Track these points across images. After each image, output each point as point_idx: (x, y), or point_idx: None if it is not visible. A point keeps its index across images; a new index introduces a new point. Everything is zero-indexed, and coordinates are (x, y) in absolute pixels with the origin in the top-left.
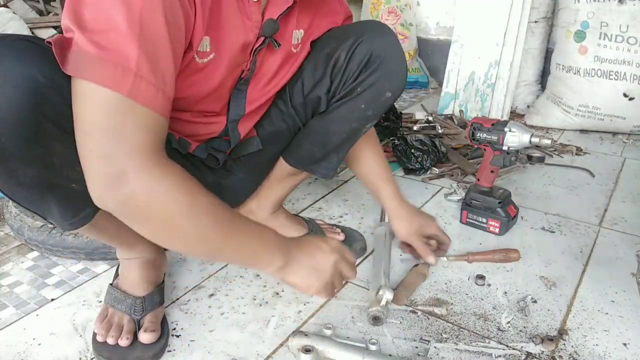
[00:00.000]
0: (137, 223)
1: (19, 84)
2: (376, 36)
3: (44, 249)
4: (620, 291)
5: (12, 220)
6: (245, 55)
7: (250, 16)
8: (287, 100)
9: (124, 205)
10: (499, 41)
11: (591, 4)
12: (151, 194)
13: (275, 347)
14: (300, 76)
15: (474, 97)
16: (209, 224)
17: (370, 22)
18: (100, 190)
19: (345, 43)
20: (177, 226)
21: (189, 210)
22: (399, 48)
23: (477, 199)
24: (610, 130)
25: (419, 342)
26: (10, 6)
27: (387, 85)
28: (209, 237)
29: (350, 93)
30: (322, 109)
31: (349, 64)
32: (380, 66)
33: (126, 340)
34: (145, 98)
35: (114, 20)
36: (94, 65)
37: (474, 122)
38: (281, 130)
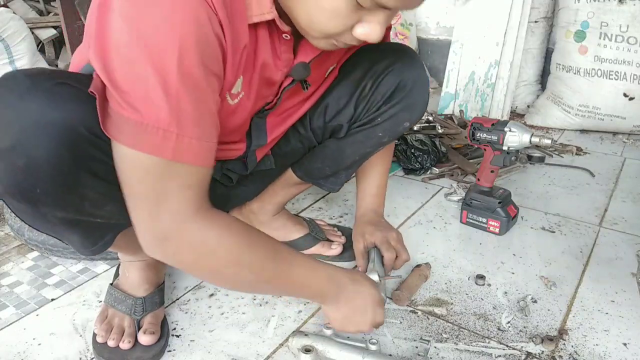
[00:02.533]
0: (187, 272)
1: (58, 135)
2: (405, 67)
3: (44, 249)
4: (620, 291)
5: (12, 220)
6: (272, 90)
7: (280, 55)
8: (307, 124)
9: (172, 259)
10: (499, 41)
11: (591, 3)
12: (198, 251)
13: (275, 347)
14: (323, 101)
15: (474, 97)
16: (253, 277)
17: (400, 48)
18: (149, 246)
19: (372, 70)
20: (223, 277)
21: (232, 265)
22: (425, 80)
23: (477, 199)
24: (611, 130)
25: (419, 342)
26: (10, 6)
27: (407, 117)
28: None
29: (370, 122)
30: (342, 135)
31: (374, 93)
32: (404, 99)
33: (128, 344)
34: (190, 156)
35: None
36: (132, 130)
37: (474, 122)
38: (296, 150)
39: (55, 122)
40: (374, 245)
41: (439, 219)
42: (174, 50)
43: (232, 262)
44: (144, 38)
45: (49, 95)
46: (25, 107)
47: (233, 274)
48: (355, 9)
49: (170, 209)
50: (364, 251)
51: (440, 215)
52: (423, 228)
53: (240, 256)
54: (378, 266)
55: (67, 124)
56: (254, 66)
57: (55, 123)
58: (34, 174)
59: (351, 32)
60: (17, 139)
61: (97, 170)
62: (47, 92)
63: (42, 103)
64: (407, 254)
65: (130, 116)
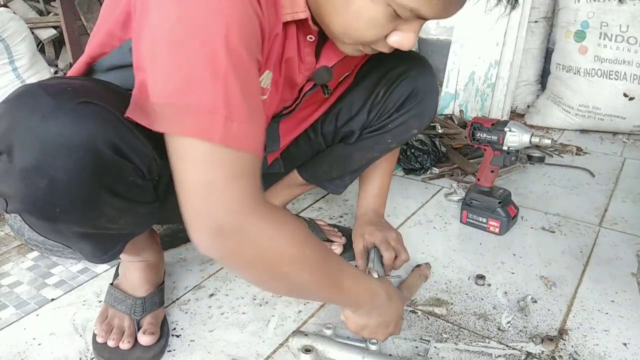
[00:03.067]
0: (242, 272)
1: (80, 158)
2: (418, 76)
3: (44, 249)
4: (620, 291)
5: (12, 220)
6: (293, 93)
7: (303, 58)
8: (318, 129)
9: (230, 257)
10: (499, 41)
11: (591, 3)
12: (258, 246)
13: (275, 347)
14: (335, 106)
15: (474, 97)
16: (309, 278)
17: (414, 56)
18: (206, 244)
19: (386, 77)
20: (281, 276)
21: (293, 262)
22: (436, 89)
23: (477, 199)
24: (611, 130)
25: (419, 342)
26: (10, 6)
27: (417, 124)
28: (309, 287)
29: (381, 128)
30: (352, 141)
31: (387, 100)
32: (415, 106)
33: (127, 344)
34: (240, 141)
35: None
36: (181, 116)
37: (474, 122)
38: (305, 153)
39: (79, 144)
40: (374, 245)
41: (439, 219)
42: (220, 29)
43: (294, 258)
44: (190, 18)
45: (73, 117)
46: (48, 128)
47: (293, 273)
48: (392, 19)
49: (226, 200)
50: (363, 251)
51: (440, 215)
52: (423, 228)
53: (302, 252)
54: (377, 266)
55: (91, 145)
56: (281, 64)
57: (78, 145)
58: (55, 194)
59: (385, 40)
60: (40, 160)
61: (117, 189)
62: (71, 113)
63: (65, 125)
64: (406, 254)
65: (176, 102)
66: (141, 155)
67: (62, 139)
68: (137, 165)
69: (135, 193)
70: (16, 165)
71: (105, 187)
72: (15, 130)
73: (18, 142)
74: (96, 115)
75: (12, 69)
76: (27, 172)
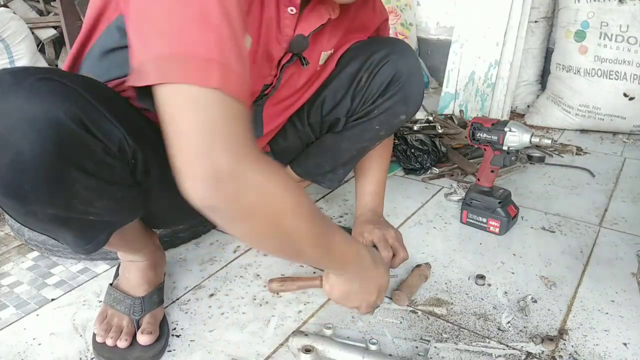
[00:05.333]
0: (240, 225)
1: (42, 130)
2: (400, 59)
3: (44, 249)
4: (620, 291)
5: (12, 220)
6: (271, 68)
7: (282, 29)
8: (304, 118)
9: (230, 206)
10: (499, 41)
11: (591, 3)
12: (260, 191)
13: (275, 347)
14: (320, 95)
15: (474, 97)
16: (307, 229)
17: (394, 41)
18: (203, 191)
19: (368, 63)
20: (280, 227)
21: (293, 211)
22: (419, 73)
23: (477, 199)
24: (611, 130)
25: (419, 342)
26: (10, 6)
27: (403, 109)
28: (305, 241)
29: (367, 115)
30: (339, 129)
31: (370, 85)
32: (400, 90)
33: (125, 342)
34: (235, 88)
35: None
36: (177, 66)
37: (474, 122)
38: (294, 145)
39: (39, 117)
40: (372, 244)
41: (439, 219)
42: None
43: (293, 204)
44: None
45: (32, 90)
46: (8, 103)
47: (293, 224)
48: None
49: (224, 142)
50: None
51: (440, 215)
52: (423, 228)
53: (300, 199)
54: None
55: (52, 118)
56: (260, 33)
57: (39, 118)
58: (21, 169)
59: None
60: (1, 135)
61: (86, 166)
62: (30, 87)
63: (25, 98)
64: (405, 252)
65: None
66: (109, 133)
67: (22, 112)
68: (105, 143)
69: (106, 172)
70: None
71: (72, 163)
72: None
73: None
74: (56, 89)
75: None
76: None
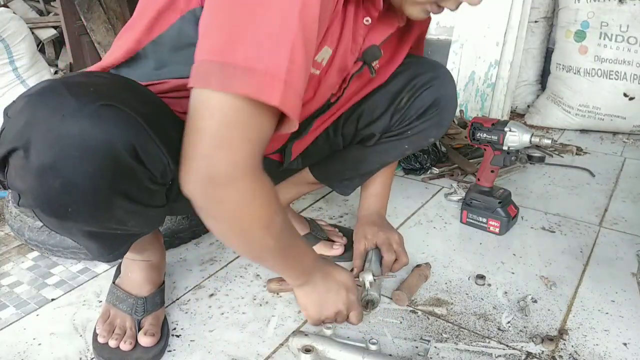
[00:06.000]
0: (214, 222)
1: (97, 161)
2: (442, 86)
3: (44, 249)
4: (620, 291)
5: (12, 220)
6: (340, 77)
7: (356, 39)
8: (339, 129)
9: (213, 206)
10: (499, 41)
11: (591, 3)
12: (241, 204)
13: (275, 347)
14: (358, 108)
15: (474, 97)
16: (273, 244)
17: (438, 66)
18: (195, 187)
19: (411, 84)
20: (249, 237)
21: (264, 228)
22: (456, 100)
23: (477, 199)
24: (611, 130)
25: (419, 342)
26: (10, 6)
27: (434, 133)
28: (268, 252)
29: (400, 134)
30: (371, 144)
31: (410, 107)
32: (435, 116)
33: (129, 345)
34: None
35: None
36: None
37: (474, 122)
38: (322, 151)
39: (97, 148)
40: (375, 246)
41: (439, 219)
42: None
43: (265, 224)
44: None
45: (93, 120)
46: (68, 129)
47: (260, 237)
48: None
49: (232, 155)
50: (363, 252)
51: (440, 215)
52: (423, 228)
53: (274, 220)
54: (375, 266)
55: (108, 150)
56: (340, 43)
57: (96, 149)
58: (69, 195)
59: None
60: (56, 160)
61: (129, 193)
62: (92, 115)
63: (85, 127)
64: (406, 257)
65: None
66: (156, 160)
67: (81, 141)
68: (151, 171)
69: (146, 197)
70: (32, 163)
71: (119, 192)
72: (34, 127)
73: (36, 139)
74: (116, 118)
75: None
76: (42, 170)
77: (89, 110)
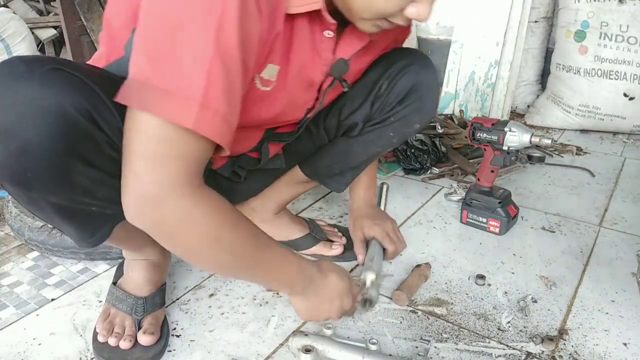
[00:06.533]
0: (164, 244)
1: (51, 121)
2: (420, 70)
3: (44, 249)
4: (620, 291)
5: (12, 220)
6: (312, 93)
7: (320, 53)
8: (320, 123)
9: (152, 228)
10: (499, 41)
11: (591, 3)
12: (178, 223)
13: (275, 347)
14: (338, 101)
15: (474, 96)
16: (231, 260)
17: (415, 52)
18: (132, 210)
19: (389, 71)
20: (200, 256)
21: (211, 245)
22: (437, 85)
23: (477, 199)
24: (611, 130)
25: (419, 342)
26: (10, 6)
27: (418, 119)
28: (230, 268)
29: (383, 121)
30: (355, 134)
31: (389, 93)
32: (417, 100)
33: (128, 343)
34: (209, 129)
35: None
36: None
37: (474, 122)
38: (307, 148)
39: (49, 109)
40: (373, 238)
41: (439, 219)
42: (214, 19)
43: (212, 241)
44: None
45: (43, 81)
46: (19, 92)
47: (211, 254)
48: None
49: (160, 174)
50: (363, 243)
51: (440, 215)
52: (423, 228)
53: (221, 236)
54: (377, 264)
55: (61, 110)
56: (289, 59)
57: (48, 109)
58: (26, 158)
59: (402, 13)
60: (11, 123)
61: (90, 158)
62: (42, 77)
63: (36, 89)
64: (404, 243)
65: (158, 84)
66: (112, 125)
67: (32, 102)
68: (109, 135)
69: (110, 165)
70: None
71: (77, 155)
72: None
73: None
74: (67, 80)
75: None
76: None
77: (39, 73)
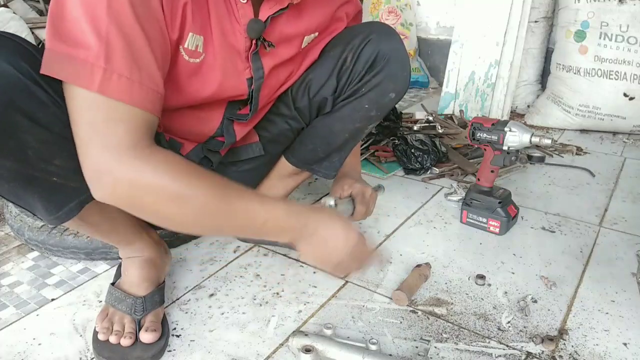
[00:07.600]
0: (130, 211)
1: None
2: (382, 37)
3: (44, 249)
4: (620, 291)
5: (12, 220)
6: (242, 61)
7: (239, 19)
8: (290, 104)
9: (109, 197)
10: (499, 41)
11: (591, 3)
12: (132, 186)
13: (275, 347)
14: (305, 78)
15: (474, 96)
16: (198, 212)
17: (376, 23)
18: (91, 184)
19: (352, 43)
20: (166, 215)
21: (173, 201)
22: (403, 50)
23: (477, 199)
24: (611, 130)
25: (419, 342)
26: (10, 6)
27: (391, 87)
28: (202, 223)
29: (355, 93)
30: (328, 110)
31: (355, 64)
32: (385, 67)
33: (129, 340)
34: (119, 92)
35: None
36: (63, 64)
37: (474, 122)
38: (284, 133)
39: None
40: (349, 196)
41: (439, 219)
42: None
43: (172, 197)
44: None
45: None
46: None
47: (174, 212)
48: None
49: (102, 139)
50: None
51: (440, 215)
52: (423, 228)
53: (180, 191)
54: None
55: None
56: (211, 29)
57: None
58: None
59: None
60: None
61: (37, 116)
62: None
63: None
64: (373, 210)
65: (61, 50)
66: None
67: None
68: (55, 98)
69: (59, 126)
70: None
71: (21, 111)
72: None
73: None
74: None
75: None
76: None
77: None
